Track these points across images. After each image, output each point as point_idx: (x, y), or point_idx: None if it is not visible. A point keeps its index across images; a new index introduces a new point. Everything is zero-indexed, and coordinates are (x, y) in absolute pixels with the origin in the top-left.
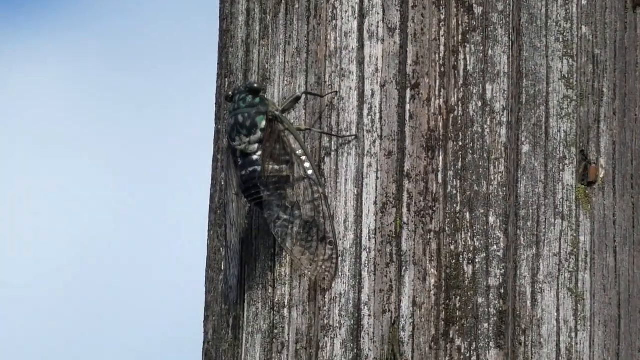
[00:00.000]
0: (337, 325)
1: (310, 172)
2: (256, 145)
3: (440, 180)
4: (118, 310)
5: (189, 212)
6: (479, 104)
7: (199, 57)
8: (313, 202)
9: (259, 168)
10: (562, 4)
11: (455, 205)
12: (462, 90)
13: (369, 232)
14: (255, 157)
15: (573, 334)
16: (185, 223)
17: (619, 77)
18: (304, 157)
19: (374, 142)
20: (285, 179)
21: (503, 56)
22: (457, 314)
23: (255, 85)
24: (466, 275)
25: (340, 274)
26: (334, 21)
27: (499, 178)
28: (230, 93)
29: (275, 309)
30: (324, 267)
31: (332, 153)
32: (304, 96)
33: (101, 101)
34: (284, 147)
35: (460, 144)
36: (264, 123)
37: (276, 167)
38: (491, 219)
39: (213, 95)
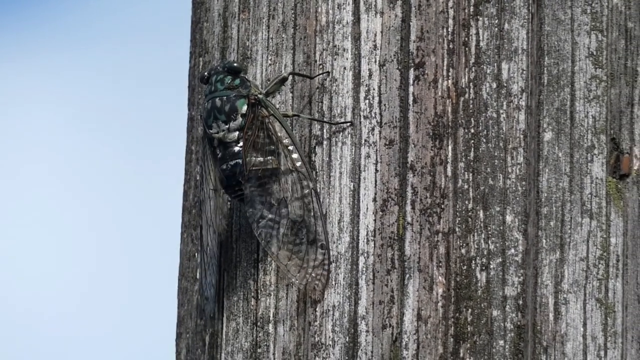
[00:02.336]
0: (330, 342)
1: (299, 164)
2: (236, 134)
3: (449, 173)
4: (75, 327)
5: (158, 211)
6: (494, 85)
7: (168, 32)
8: (302, 198)
9: (241, 161)
10: None
11: (466, 202)
12: (473, 69)
13: (367, 234)
14: (236, 148)
15: (602, 352)
16: (154, 225)
17: None
18: (291, 147)
19: (373, 129)
20: (270, 172)
21: (521, 30)
22: (469, 329)
23: (235, 64)
24: (479, 284)
25: (333, 282)
26: None
27: (517, 170)
28: (205, 74)
29: (259, 324)
30: (314, 274)
31: (324, 142)
32: (290, 77)
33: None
34: (269, 135)
35: (472, 131)
36: (245, 107)
37: (260, 159)
38: (508, 218)
39: (185, 77)
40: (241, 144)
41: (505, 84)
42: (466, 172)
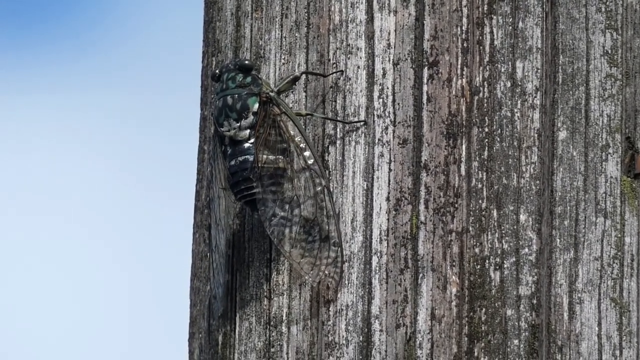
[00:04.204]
0: (344, 342)
1: (311, 161)
2: (248, 132)
3: (463, 173)
4: (85, 325)
5: (171, 211)
6: (508, 84)
7: (181, 32)
8: (315, 196)
9: (251, 157)
10: None
11: (480, 202)
12: (488, 68)
13: (380, 234)
14: (247, 144)
15: (617, 352)
16: (167, 225)
17: None
18: (303, 145)
19: (386, 128)
20: (282, 171)
21: (536, 29)
22: (483, 328)
23: (246, 62)
24: (493, 283)
25: (346, 282)
26: None
27: (532, 170)
28: (217, 71)
29: (272, 324)
30: (327, 271)
31: (338, 142)
32: (303, 76)
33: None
34: (281, 133)
35: (487, 130)
36: (256, 106)
37: (271, 157)
38: (522, 218)
39: (198, 77)
40: (252, 141)
41: (519, 83)
42: (480, 171)
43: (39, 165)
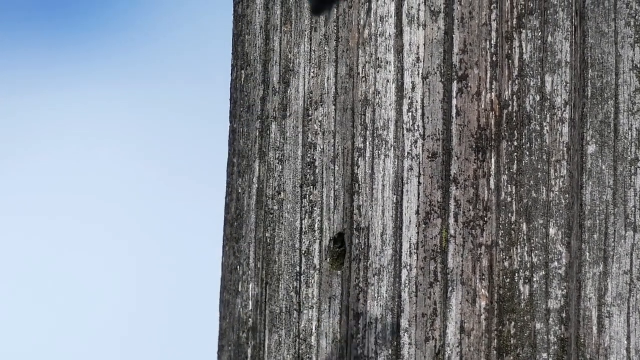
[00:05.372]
0: (373, 355)
1: None
2: None
3: (492, 186)
4: (117, 339)
5: (200, 224)
6: (537, 98)
7: (210, 44)
8: None
9: None
10: None
11: (510, 215)
12: (517, 82)
13: (410, 247)
14: None
15: None
16: (196, 238)
17: None
18: None
19: (416, 142)
20: None
21: (565, 43)
22: (512, 342)
23: None
24: (522, 297)
25: (376, 295)
26: (367, 3)
27: (561, 183)
28: None
29: (302, 337)
30: None
31: (367, 155)
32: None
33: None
34: None
35: (516, 144)
36: None
37: None
38: (552, 231)
39: (227, 90)
40: None
41: (548, 97)
42: (509, 185)
43: (74, 175)
